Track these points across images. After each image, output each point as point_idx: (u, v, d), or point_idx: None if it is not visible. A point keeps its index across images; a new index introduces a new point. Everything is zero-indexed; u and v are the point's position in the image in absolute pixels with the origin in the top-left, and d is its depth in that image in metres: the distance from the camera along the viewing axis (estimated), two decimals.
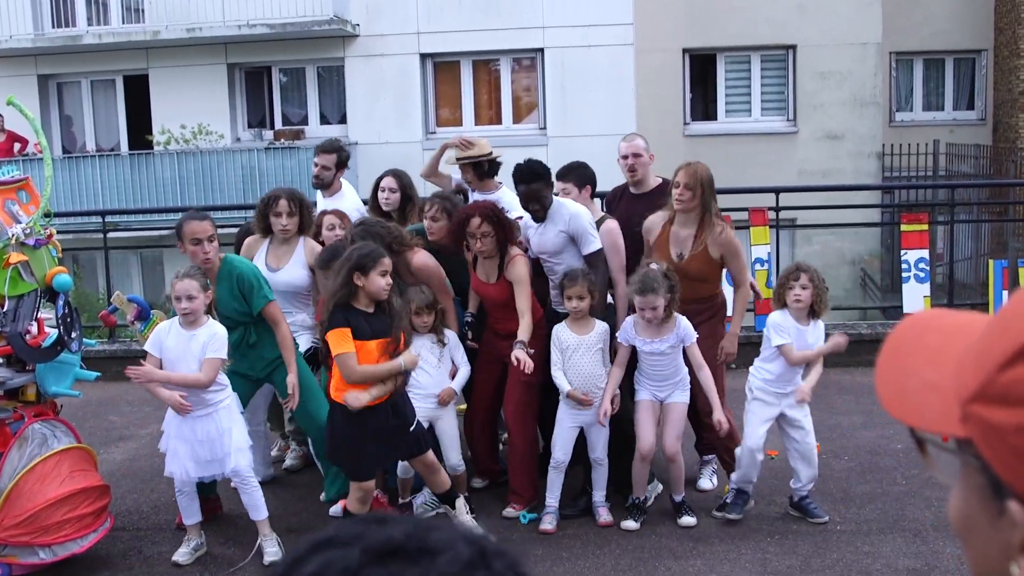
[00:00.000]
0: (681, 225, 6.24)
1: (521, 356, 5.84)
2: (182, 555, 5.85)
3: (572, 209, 6.19)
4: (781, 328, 5.92)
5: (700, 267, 6.20)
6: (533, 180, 6.10)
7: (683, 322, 5.89)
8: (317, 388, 6.17)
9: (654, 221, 6.36)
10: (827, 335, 6.13)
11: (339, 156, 7.58)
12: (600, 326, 6.02)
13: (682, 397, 6.01)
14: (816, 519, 6.08)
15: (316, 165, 7.58)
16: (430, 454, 5.68)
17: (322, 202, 7.59)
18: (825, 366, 9.02)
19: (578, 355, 5.94)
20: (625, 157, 6.82)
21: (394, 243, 5.95)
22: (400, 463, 6.03)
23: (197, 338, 5.62)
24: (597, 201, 7.24)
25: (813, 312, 5.97)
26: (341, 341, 5.22)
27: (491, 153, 6.99)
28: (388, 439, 5.42)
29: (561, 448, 6.06)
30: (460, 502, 5.84)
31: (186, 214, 6.12)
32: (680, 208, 6.19)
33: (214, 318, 5.84)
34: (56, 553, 5.50)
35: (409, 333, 5.64)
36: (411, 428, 5.52)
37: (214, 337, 5.63)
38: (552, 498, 6.09)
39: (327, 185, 7.59)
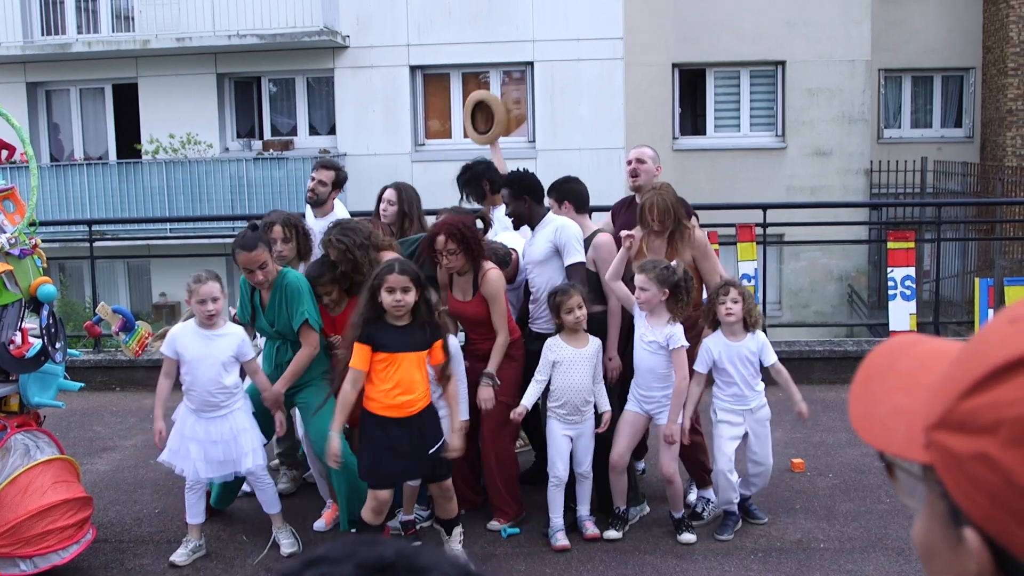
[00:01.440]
0: (656, 238, 6.38)
1: (487, 397, 5.99)
2: (180, 556, 5.93)
3: (561, 222, 6.34)
4: (705, 357, 6.08)
5: None
6: (505, 186, 6.49)
7: (675, 328, 5.90)
8: (327, 412, 5.93)
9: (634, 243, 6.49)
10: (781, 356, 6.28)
11: (338, 174, 7.51)
12: (594, 341, 6.04)
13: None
14: (757, 520, 6.29)
15: (313, 179, 7.48)
16: (448, 480, 5.65)
17: (313, 221, 7.34)
18: (810, 382, 9.13)
19: (573, 368, 5.94)
20: (629, 162, 6.89)
21: (367, 242, 6.07)
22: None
23: (218, 341, 5.79)
24: (599, 215, 7.21)
25: (747, 326, 6.10)
26: (358, 355, 5.33)
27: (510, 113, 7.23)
28: (409, 455, 5.39)
29: (561, 463, 6.02)
30: (457, 531, 5.75)
31: (236, 240, 6.03)
32: (659, 233, 6.35)
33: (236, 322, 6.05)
34: (37, 565, 5.46)
35: (446, 340, 5.64)
36: (431, 451, 5.46)
37: (243, 343, 5.85)
38: (556, 515, 6.05)
39: (321, 203, 7.48)
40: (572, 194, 6.64)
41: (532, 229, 6.47)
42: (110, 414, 9.21)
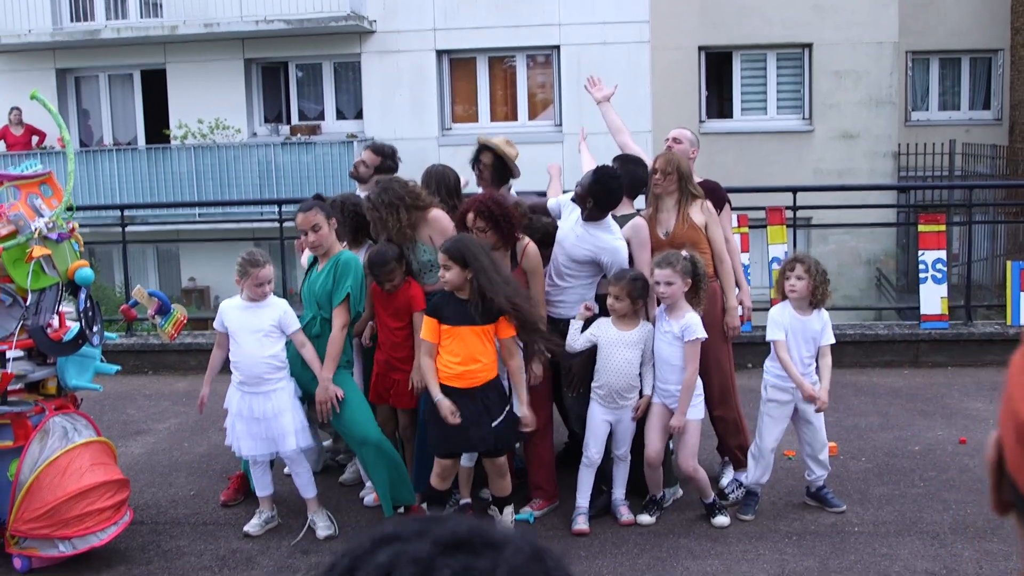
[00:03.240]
0: (663, 210, 6.39)
1: (539, 373, 5.94)
2: (253, 527, 6.10)
3: (616, 244, 6.10)
4: (776, 323, 6.05)
5: (687, 232, 6.27)
6: (593, 174, 6.05)
7: (691, 316, 5.87)
8: (359, 402, 6.10)
9: (643, 216, 6.47)
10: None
11: (383, 162, 7.57)
12: (644, 325, 6.00)
13: (694, 414, 5.97)
14: (834, 508, 6.21)
15: (359, 158, 7.61)
16: (503, 457, 5.69)
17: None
18: (841, 366, 9.08)
19: (612, 351, 5.92)
20: (666, 140, 6.91)
21: (408, 198, 6.10)
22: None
23: (261, 311, 5.91)
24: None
25: (815, 303, 6.06)
26: (426, 328, 5.63)
27: (513, 155, 6.96)
28: (471, 427, 5.49)
29: (596, 446, 6.03)
30: (509, 510, 5.83)
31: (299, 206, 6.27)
32: (657, 191, 6.34)
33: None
34: (76, 546, 5.52)
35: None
36: (492, 423, 5.54)
37: (285, 314, 5.96)
38: (583, 498, 6.06)
39: (362, 180, 7.58)
40: (627, 177, 6.42)
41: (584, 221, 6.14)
42: (143, 397, 9.28)
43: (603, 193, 6.03)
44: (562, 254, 6.20)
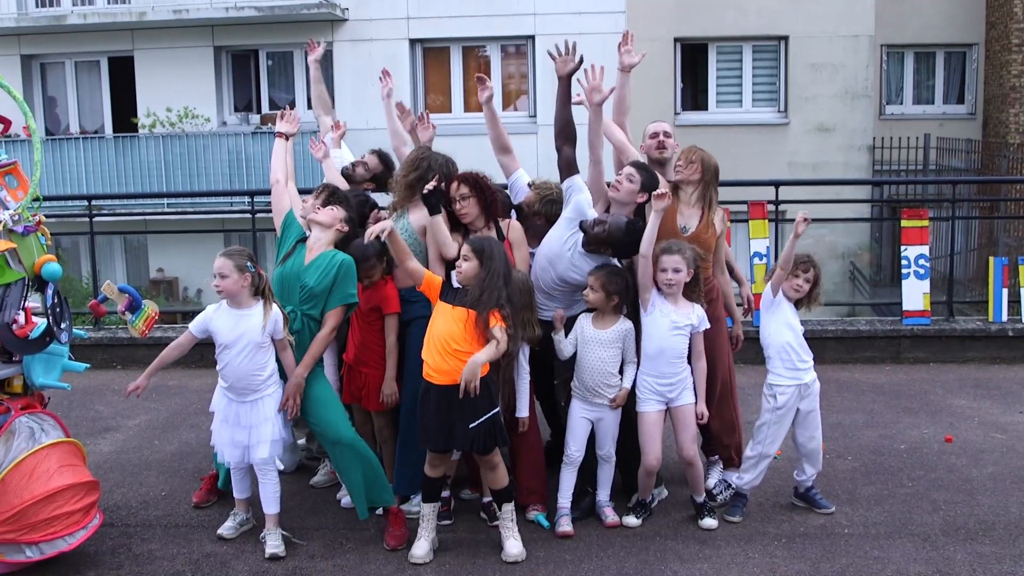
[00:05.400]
0: (686, 203, 6.19)
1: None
2: (227, 529, 5.91)
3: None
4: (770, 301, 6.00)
5: (708, 237, 6.13)
6: (618, 235, 5.85)
7: (700, 310, 5.81)
8: (333, 401, 5.86)
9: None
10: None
11: (384, 171, 7.40)
12: (622, 324, 5.85)
13: (689, 397, 5.85)
14: (822, 509, 6.11)
15: (362, 158, 7.35)
16: (492, 453, 5.50)
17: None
18: (823, 362, 8.95)
19: (588, 349, 5.80)
20: (655, 136, 6.59)
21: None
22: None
23: (247, 318, 5.51)
24: None
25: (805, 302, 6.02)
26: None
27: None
28: (445, 422, 5.33)
29: (575, 443, 5.90)
30: (509, 508, 5.61)
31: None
32: (679, 176, 6.18)
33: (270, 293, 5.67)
34: (43, 551, 5.31)
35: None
36: (470, 425, 5.33)
37: (276, 322, 5.55)
38: (564, 498, 5.91)
39: (354, 181, 7.20)
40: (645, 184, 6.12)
41: (584, 247, 5.94)
42: (112, 393, 9.06)
43: (624, 247, 5.91)
44: (552, 271, 6.04)
